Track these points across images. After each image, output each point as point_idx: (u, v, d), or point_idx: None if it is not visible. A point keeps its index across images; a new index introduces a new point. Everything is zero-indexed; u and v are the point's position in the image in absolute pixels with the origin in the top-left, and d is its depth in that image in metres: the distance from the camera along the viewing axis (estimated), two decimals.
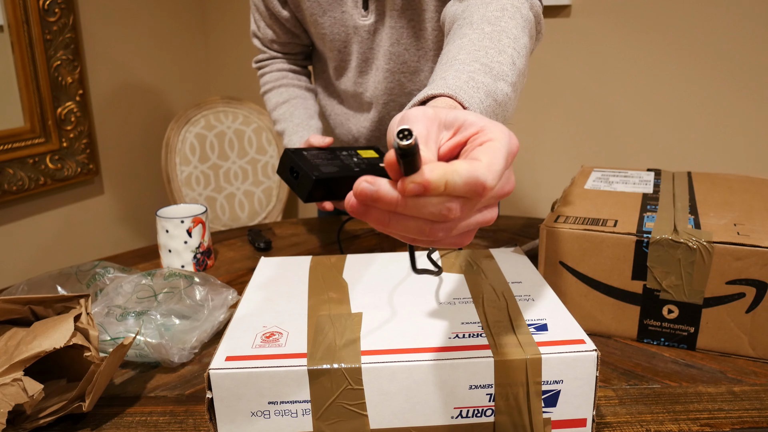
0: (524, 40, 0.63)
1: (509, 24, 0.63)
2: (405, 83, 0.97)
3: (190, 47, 2.18)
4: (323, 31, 0.96)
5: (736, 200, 0.75)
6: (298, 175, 0.80)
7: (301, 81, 1.10)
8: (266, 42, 1.07)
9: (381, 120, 1.01)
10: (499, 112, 0.55)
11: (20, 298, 0.58)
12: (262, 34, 1.06)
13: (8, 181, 1.59)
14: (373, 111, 1.00)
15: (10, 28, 1.56)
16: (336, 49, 0.98)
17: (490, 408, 0.48)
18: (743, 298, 0.63)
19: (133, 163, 2.01)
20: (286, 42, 1.06)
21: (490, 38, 0.60)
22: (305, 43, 1.08)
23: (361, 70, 0.98)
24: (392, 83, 0.96)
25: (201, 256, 0.90)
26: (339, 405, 0.47)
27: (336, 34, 0.96)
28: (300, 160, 0.80)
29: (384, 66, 0.95)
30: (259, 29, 1.06)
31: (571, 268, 0.69)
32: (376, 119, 1.01)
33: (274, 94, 1.07)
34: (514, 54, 0.60)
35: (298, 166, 0.80)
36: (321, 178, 0.79)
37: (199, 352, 0.68)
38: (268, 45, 1.08)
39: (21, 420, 0.54)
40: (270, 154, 2.10)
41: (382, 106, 0.99)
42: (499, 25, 0.62)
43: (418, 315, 0.53)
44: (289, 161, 0.82)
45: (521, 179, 1.79)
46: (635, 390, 0.60)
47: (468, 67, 0.55)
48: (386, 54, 0.94)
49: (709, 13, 1.43)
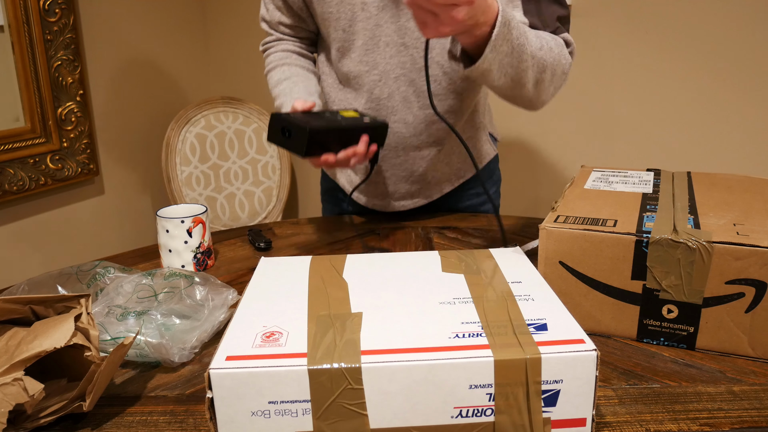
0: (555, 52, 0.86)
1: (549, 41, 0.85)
2: (417, 58, 0.98)
3: (190, 47, 2.18)
4: (330, 9, 0.98)
5: (736, 200, 0.75)
6: (291, 133, 0.81)
7: (305, 63, 1.11)
8: (273, 24, 1.10)
9: (378, 100, 1.02)
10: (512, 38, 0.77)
11: (21, 298, 0.58)
12: (270, 17, 1.09)
13: (9, 181, 1.59)
14: (377, 89, 1.02)
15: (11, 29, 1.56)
16: (341, 28, 0.99)
17: (490, 408, 0.48)
18: (743, 298, 0.63)
19: (134, 163, 2.01)
20: (293, 25, 1.08)
21: (536, 35, 0.83)
22: (311, 29, 1.10)
23: (368, 48, 0.99)
24: (405, 57, 0.98)
25: (201, 256, 0.91)
26: (339, 405, 0.47)
27: (342, 13, 0.97)
28: (289, 119, 0.81)
29: (398, 41, 0.97)
30: (268, 11, 1.09)
31: (570, 268, 0.69)
32: (375, 98, 1.02)
33: (276, 72, 1.08)
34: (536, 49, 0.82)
35: (290, 123, 0.81)
36: (315, 128, 0.80)
37: (199, 351, 0.68)
38: (275, 27, 1.10)
39: (21, 419, 0.54)
40: (270, 155, 2.10)
41: (393, 80, 1.00)
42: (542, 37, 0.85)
43: (418, 315, 0.53)
44: (278, 123, 0.82)
45: (521, 179, 1.79)
46: (635, 390, 0.60)
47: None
48: (400, 29, 0.96)
49: (709, 13, 1.43)
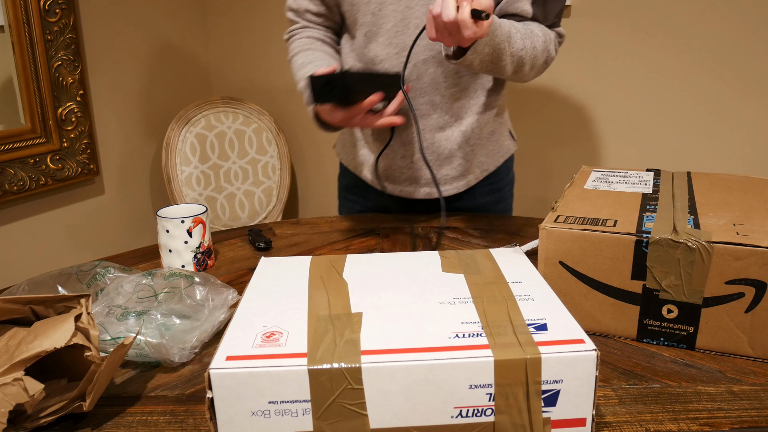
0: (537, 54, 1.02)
1: (538, 42, 1.00)
2: None
3: (190, 47, 2.18)
4: None
5: (736, 200, 0.75)
6: (333, 85, 0.88)
7: (329, 50, 1.12)
8: (300, 12, 1.12)
9: (406, 82, 1.05)
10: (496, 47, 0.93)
11: (21, 298, 0.58)
12: (297, 5, 1.12)
13: (9, 181, 1.59)
14: (405, 72, 1.04)
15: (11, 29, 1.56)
16: (370, 12, 1.02)
17: (490, 408, 0.48)
18: (742, 298, 0.63)
19: (134, 163, 2.01)
20: (320, 13, 1.11)
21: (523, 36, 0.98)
22: (336, 20, 1.13)
23: (398, 30, 1.02)
24: None
25: (201, 256, 0.91)
26: (339, 404, 0.47)
27: None
28: (327, 75, 0.88)
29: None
30: (295, 0, 1.12)
31: (570, 268, 0.69)
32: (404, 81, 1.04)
33: (300, 56, 1.10)
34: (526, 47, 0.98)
35: (329, 77, 0.88)
36: (354, 73, 0.88)
37: (199, 351, 0.68)
38: (301, 15, 1.12)
39: (22, 419, 0.54)
40: (270, 154, 2.10)
41: (421, 63, 1.03)
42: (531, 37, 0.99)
43: (418, 315, 0.53)
44: (319, 81, 0.89)
45: (521, 179, 1.79)
46: (635, 390, 0.60)
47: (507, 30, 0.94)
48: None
49: (709, 13, 1.43)
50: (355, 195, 1.23)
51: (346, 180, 1.24)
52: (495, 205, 1.20)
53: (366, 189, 1.21)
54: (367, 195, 1.21)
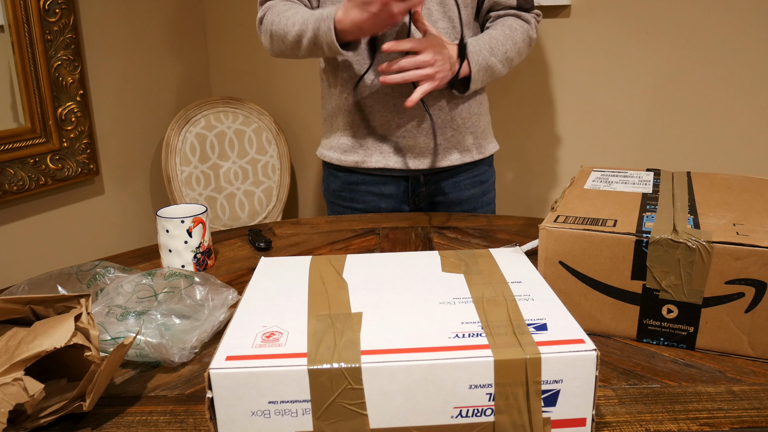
0: (520, 46, 1.18)
1: (517, 35, 1.16)
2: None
3: (190, 47, 2.18)
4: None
5: (736, 200, 0.75)
6: None
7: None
8: None
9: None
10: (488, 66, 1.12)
11: (21, 298, 0.58)
12: None
13: (9, 181, 1.59)
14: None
15: (11, 29, 1.56)
16: None
17: (490, 408, 0.48)
18: (742, 298, 0.63)
19: (133, 163, 2.01)
20: None
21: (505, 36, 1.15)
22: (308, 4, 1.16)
23: (401, 29, 1.09)
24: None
25: (201, 255, 0.91)
26: (339, 404, 0.47)
27: None
28: None
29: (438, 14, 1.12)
30: None
31: (570, 268, 0.69)
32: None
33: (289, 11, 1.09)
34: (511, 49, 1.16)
35: None
36: None
37: (199, 351, 0.68)
38: None
39: (21, 419, 0.54)
40: (270, 154, 2.10)
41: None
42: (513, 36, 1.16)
43: (418, 315, 0.53)
44: None
45: (521, 179, 1.79)
46: (635, 390, 0.60)
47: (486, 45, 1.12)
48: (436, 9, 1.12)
49: (709, 13, 1.43)
50: (345, 200, 1.23)
51: (336, 184, 1.23)
52: (480, 197, 1.25)
53: (356, 192, 1.21)
54: (358, 198, 1.21)
